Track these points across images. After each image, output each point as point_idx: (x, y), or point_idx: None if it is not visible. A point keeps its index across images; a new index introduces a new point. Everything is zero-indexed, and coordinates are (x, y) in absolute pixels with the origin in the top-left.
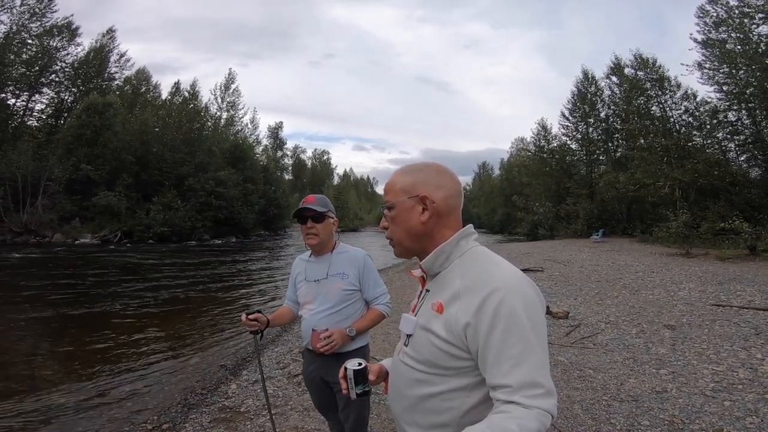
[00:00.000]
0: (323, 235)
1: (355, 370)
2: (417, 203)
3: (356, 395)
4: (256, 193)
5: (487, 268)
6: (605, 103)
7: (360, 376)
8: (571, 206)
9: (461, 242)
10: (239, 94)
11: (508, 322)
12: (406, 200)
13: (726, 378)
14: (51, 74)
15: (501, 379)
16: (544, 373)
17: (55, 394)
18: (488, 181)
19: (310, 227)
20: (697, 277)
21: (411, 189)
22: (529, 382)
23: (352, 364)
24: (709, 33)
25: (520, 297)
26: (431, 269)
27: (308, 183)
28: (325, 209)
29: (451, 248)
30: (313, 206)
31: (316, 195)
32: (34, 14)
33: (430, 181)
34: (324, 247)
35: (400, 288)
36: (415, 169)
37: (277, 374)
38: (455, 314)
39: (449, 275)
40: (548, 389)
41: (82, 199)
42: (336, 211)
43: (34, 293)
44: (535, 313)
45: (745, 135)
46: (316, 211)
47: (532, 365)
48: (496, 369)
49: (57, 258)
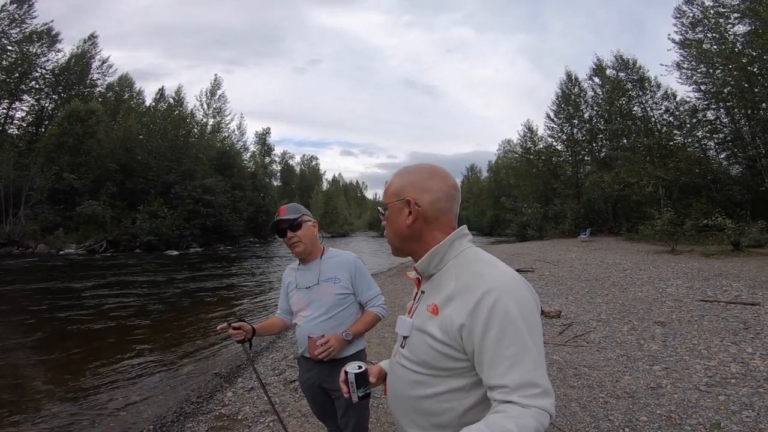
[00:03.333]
0: (306, 240)
1: (356, 374)
2: (404, 206)
3: (358, 398)
4: (244, 200)
5: (481, 268)
6: (588, 104)
7: (361, 379)
8: (559, 206)
9: (455, 243)
10: (225, 100)
11: (503, 323)
12: (395, 202)
13: (719, 373)
14: (31, 81)
15: (498, 379)
16: (540, 373)
17: (47, 406)
18: (477, 183)
19: (290, 237)
20: (683, 274)
21: (400, 192)
22: (526, 382)
23: (352, 368)
24: (686, 33)
25: (515, 297)
26: (426, 271)
27: (297, 189)
28: (298, 215)
29: (444, 250)
30: (286, 216)
31: (287, 205)
32: (14, 20)
33: (417, 185)
34: (311, 253)
35: (393, 291)
36: (407, 171)
37: (273, 381)
38: (450, 315)
39: (444, 276)
40: (545, 388)
41: (65, 208)
42: (326, 217)
43: (21, 305)
44: (530, 313)
45: (724, 133)
46: (290, 219)
47: (529, 365)
48: (493, 370)
49: (42, 269)
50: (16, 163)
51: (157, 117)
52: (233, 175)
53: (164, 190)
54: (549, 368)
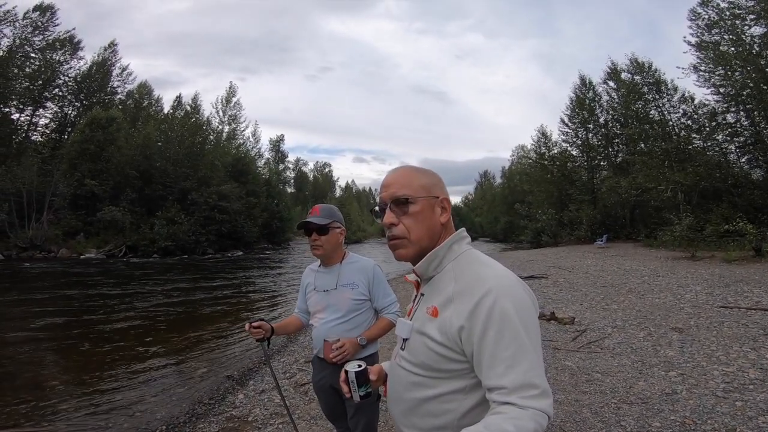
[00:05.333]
0: (327, 246)
1: (356, 372)
2: (436, 204)
3: (360, 397)
4: (258, 206)
5: (479, 270)
6: (604, 108)
7: (361, 378)
8: (574, 212)
9: (454, 246)
10: (240, 108)
11: (500, 324)
12: (428, 198)
13: (737, 378)
14: (54, 88)
15: (496, 381)
16: (538, 374)
17: (64, 404)
18: (490, 189)
19: (314, 239)
20: (703, 280)
21: (431, 188)
22: (524, 384)
23: (352, 367)
24: (702, 35)
25: (512, 299)
26: (425, 273)
27: (310, 195)
28: (328, 221)
29: (444, 252)
30: (316, 219)
31: (322, 205)
32: (37, 28)
33: (442, 186)
34: (331, 258)
35: (404, 298)
36: (426, 171)
37: (284, 384)
38: (449, 318)
39: (443, 279)
40: (543, 390)
41: (86, 214)
42: (344, 221)
43: (42, 306)
44: (527, 315)
45: (745, 137)
46: (318, 224)
47: (527, 366)
48: (491, 371)
49: (63, 272)
50: (39, 170)
51: (174, 124)
52: (248, 182)
53: (181, 197)
54: (561, 374)
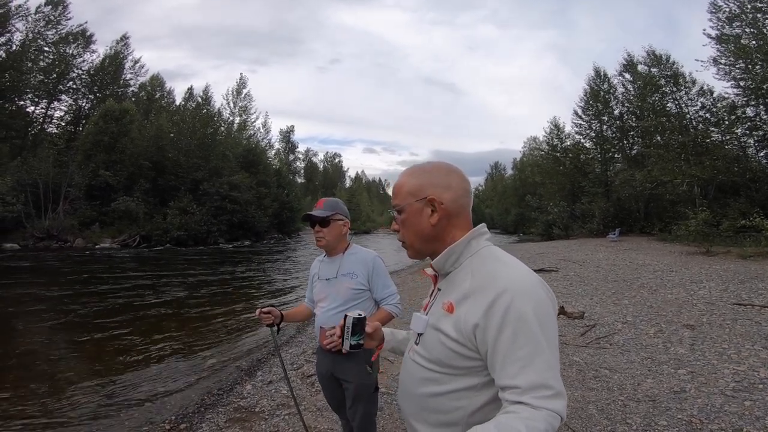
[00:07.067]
0: (330, 237)
1: (354, 318)
2: (425, 205)
3: (350, 346)
4: (269, 196)
5: (497, 268)
6: (619, 100)
7: (358, 326)
8: (587, 205)
9: (472, 242)
10: (251, 99)
11: (517, 324)
12: (414, 203)
13: (747, 378)
14: (68, 81)
15: (510, 380)
16: (553, 375)
17: (75, 394)
18: (501, 181)
19: (317, 231)
20: (717, 276)
21: (418, 191)
22: (539, 384)
23: (352, 313)
24: (723, 28)
25: (530, 298)
26: (442, 269)
27: (320, 186)
28: (330, 212)
29: (461, 248)
30: (318, 212)
31: (326, 198)
32: (49, 22)
33: (437, 183)
34: (334, 249)
35: (413, 289)
36: (422, 170)
37: (291, 375)
38: (465, 314)
39: (460, 275)
40: (558, 391)
41: (101, 204)
42: (349, 214)
43: (56, 295)
44: (545, 315)
45: (764, 130)
46: (320, 216)
47: (542, 367)
48: (505, 370)
49: (78, 262)
50: (55, 161)
51: (186, 116)
52: (258, 173)
53: (193, 187)
54: (568, 369)
